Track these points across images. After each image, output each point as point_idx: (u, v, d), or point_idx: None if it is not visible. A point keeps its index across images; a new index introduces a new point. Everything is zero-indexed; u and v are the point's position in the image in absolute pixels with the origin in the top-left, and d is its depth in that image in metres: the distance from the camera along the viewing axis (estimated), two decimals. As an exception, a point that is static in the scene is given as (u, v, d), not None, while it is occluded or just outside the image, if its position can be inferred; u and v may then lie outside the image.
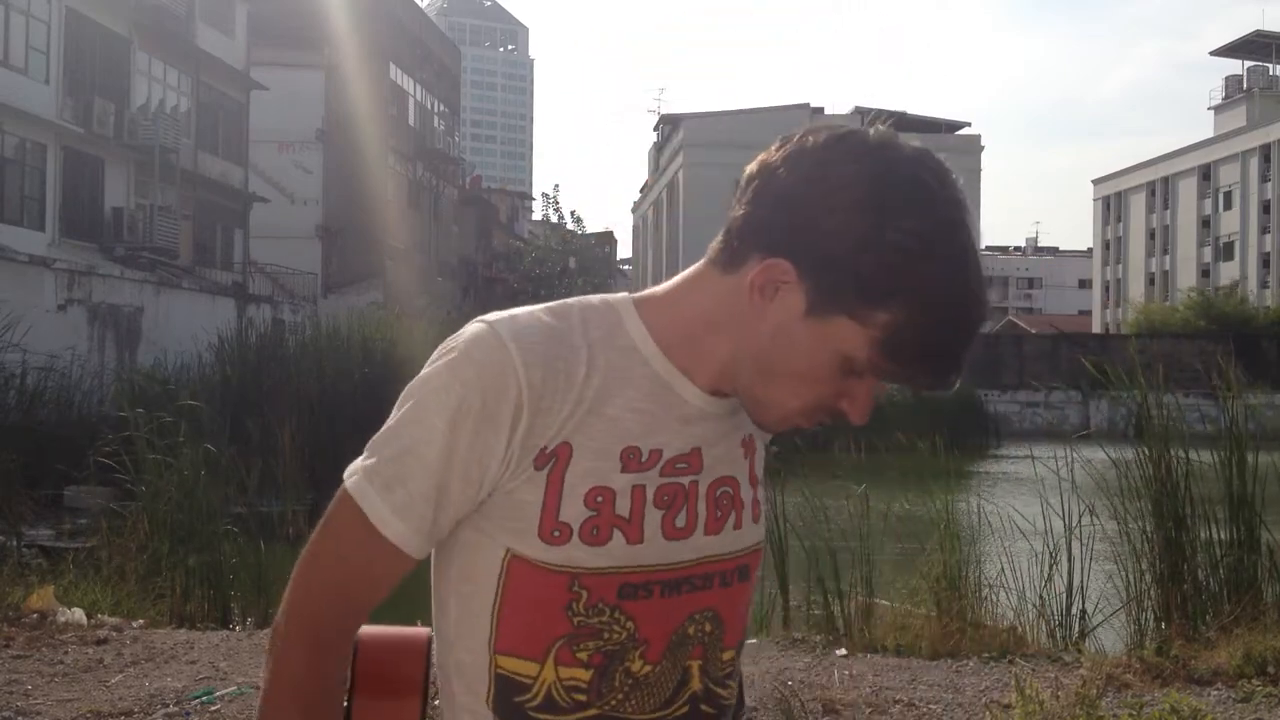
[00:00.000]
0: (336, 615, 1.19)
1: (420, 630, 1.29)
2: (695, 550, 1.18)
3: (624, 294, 1.24)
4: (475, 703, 1.18)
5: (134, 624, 6.61)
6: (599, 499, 1.13)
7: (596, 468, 1.14)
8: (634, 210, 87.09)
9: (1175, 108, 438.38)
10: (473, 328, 1.16)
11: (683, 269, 1.23)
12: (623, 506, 1.14)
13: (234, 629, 7.04)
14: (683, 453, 1.18)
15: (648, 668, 1.16)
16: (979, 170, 67.95)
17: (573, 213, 53.04)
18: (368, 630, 1.26)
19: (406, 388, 1.19)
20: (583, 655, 1.15)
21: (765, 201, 1.12)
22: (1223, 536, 6.26)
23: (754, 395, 1.17)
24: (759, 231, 1.12)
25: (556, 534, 1.13)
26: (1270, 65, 66.71)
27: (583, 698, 1.15)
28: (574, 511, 1.13)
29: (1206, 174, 66.19)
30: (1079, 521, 6.61)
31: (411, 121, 44.68)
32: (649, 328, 1.19)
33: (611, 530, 1.14)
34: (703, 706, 1.20)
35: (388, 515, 1.14)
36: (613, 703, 1.15)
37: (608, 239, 65.35)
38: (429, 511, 1.14)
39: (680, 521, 1.17)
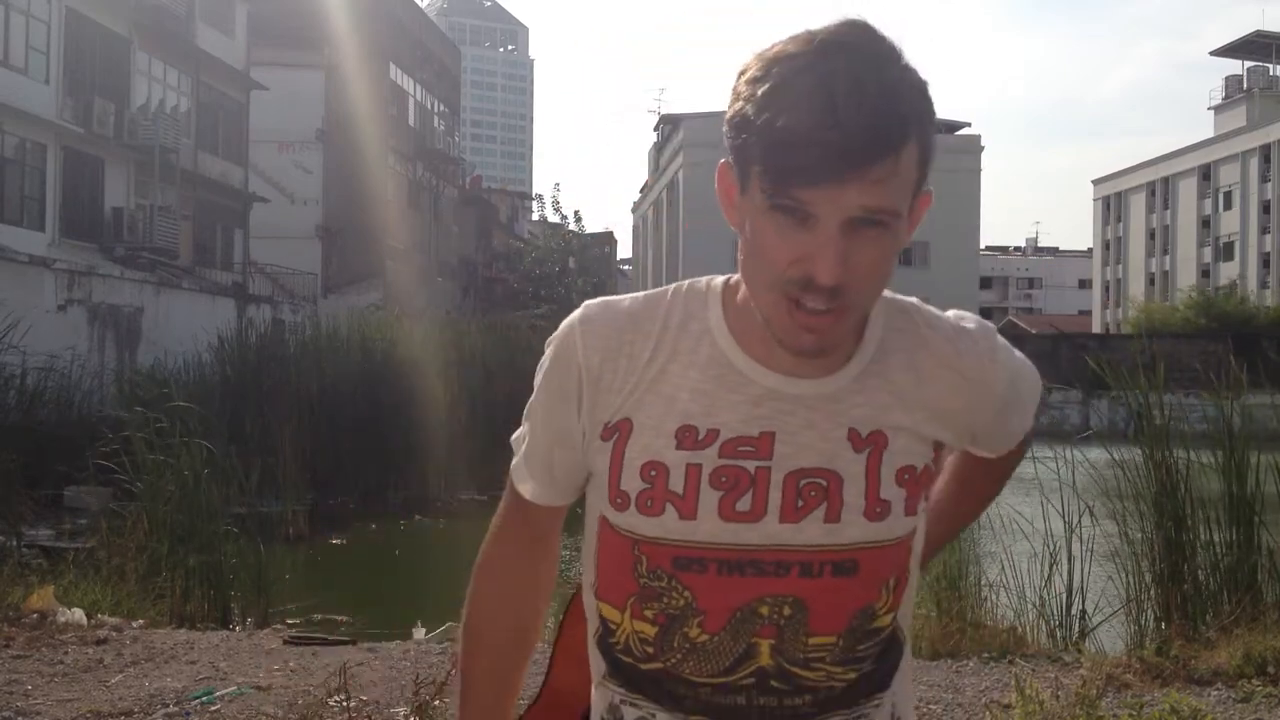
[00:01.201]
0: (507, 558, 1.38)
1: None
2: (765, 536, 1.18)
3: (725, 276, 1.28)
4: (590, 639, 1.31)
5: (134, 624, 6.61)
6: (652, 473, 1.20)
7: (652, 443, 1.20)
8: (634, 210, 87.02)
9: (1175, 108, 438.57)
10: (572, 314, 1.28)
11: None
12: (676, 483, 1.19)
13: (234, 629, 7.05)
14: (746, 435, 1.19)
15: (705, 636, 1.20)
16: (979, 170, 67.94)
17: (575, 213, 52.96)
18: None
19: None
20: (649, 613, 1.22)
21: None
22: (1223, 537, 6.26)
23: (758, 309, 1.16)
24: None
25: (619, 501, 1.22)
26: (1270, 65, 66.70)
27: (650, 650, 1.23)
28: (632, 483, 1.21)
29: (1206, 174, 66.18)
30: (1079, 522, 6.61)
31: (411, 121, 44.67)
32: (727, 317, 1.24)
33: (664, 504, 1.20)
34: (773, 682, 1.20)
35: (520, 466, 1.33)
36: (673, 661, 1.22)
37: (608, 239, 65.36)
38: (544, 468, 1.30)
39: (743, 505, 1.18)
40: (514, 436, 1.34)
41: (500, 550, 1.38)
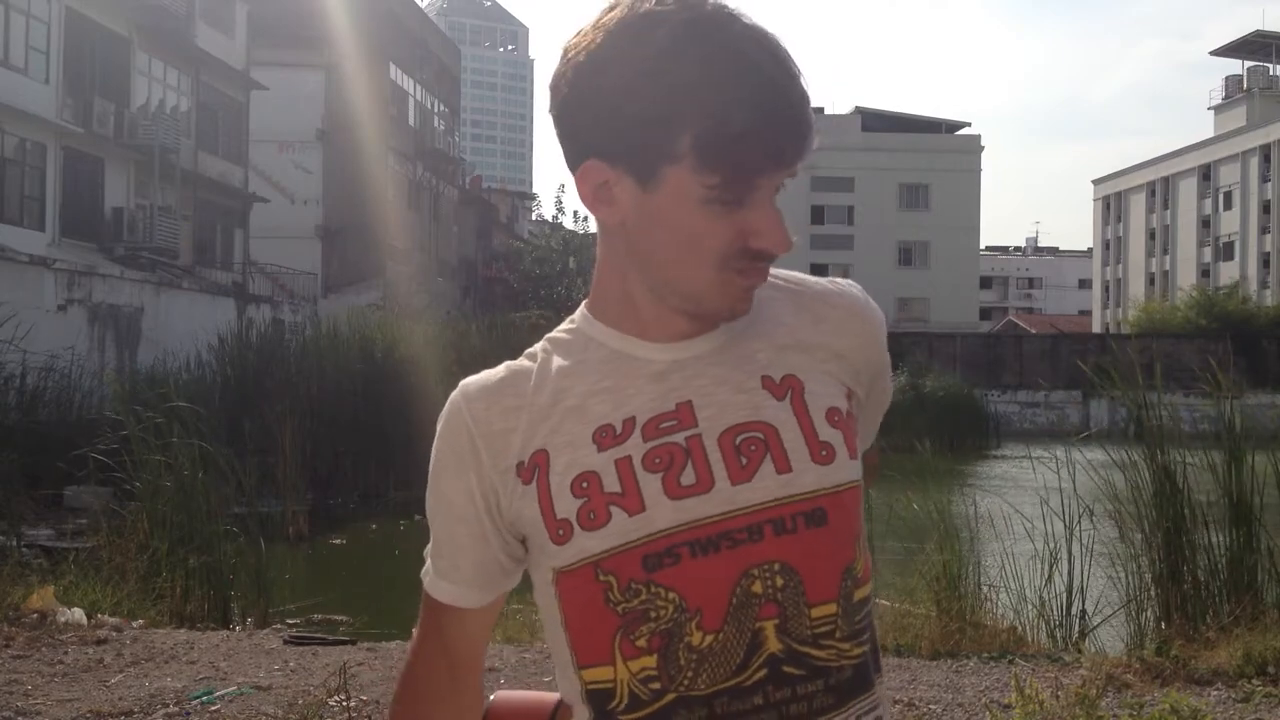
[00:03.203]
0: (430, 684, 1.29)
1: (550, 695, 1.29)
2: (723, 503, 1.12)
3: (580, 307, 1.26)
4: None
5: (134, 624, 6.62)
6: (585, 484, 1.14)
7: (575, 459, 1.15)
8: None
9: (1175, 108, 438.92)
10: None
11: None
12: (611, 483, 1.13)
13: (234, 629, 7.05)
14: (664, 411, 1.16)
15: (709, 638, 1.12)
16: (979, 170, 67.95)
17: (576, 213, 53.02)
18: (502, 695, 1.31)
19: None
20: (641, 642, 1.13)
21: (558, 124, 1.15)
22: (1222, 537, 6.26)
23: (682, 291, 1.14)
24: (569, 157, 1.15)
25: (561, 533, 1.14)
26: (1270, 65, 66.71)
27: (657, 685, 1.13)
28: (567, 506, 1.14)
29: (1206, 174, 66.19)
30: (1079, 522, 6.61)
31: (411, 121, 44.66)
32: (596, 314, 1.22)
33: (608, 509, 1.13)
34: (785, 669, 1.12)
35: (439, 582, 1.26)
36: (684, 682, 1.12)
37: (608, 239, 65.24)
38: (447, 562, 1.24)
39: (687, 479, 1.13)
40: (429, 545, 1.28)
41: (416, 682, 1.30)
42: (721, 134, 1.05)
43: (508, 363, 1.24)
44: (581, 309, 1.24)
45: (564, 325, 1.25)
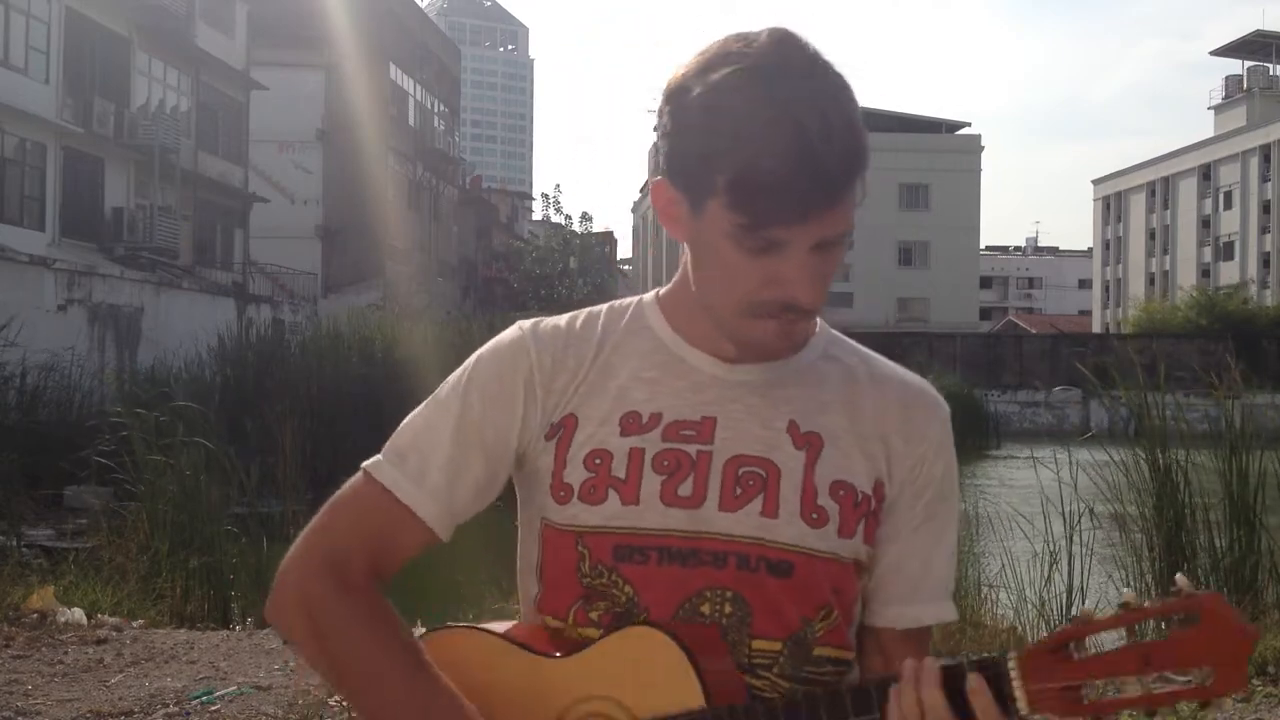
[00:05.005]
0: (355, 568, 1.23)
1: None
2: (703, 523, 1.17)
3: (653, 291, 1.30)
4: None
5: (134, 624, 6.61)
6: (597, 461, 1.19)
7: (597, 433, 1.20)
8: (634, 210, 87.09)
9: (1175, 108, 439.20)
10: (507, 329, 1.27)
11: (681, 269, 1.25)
12: (619, 468, 1.19)
13: (234, 629, 7.04)
14: (688, 419, 1.20)
15: None
16: (979, 170, 67.93)
17: (584, 214, 53.07)
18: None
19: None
20: (594, 615, 1.19)
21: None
22: (1222, 537, 6.26)
23: (716, 319, 1.18)
24: (656, 167, 1.19)
25: (562, 494, 1.20)
26: (1270, 65, 66.69)
27: None
28: (575, 474, 1.19)
29: (1206, 174, 66.17)
30: (1079, 522, 6.61)
31: (411, 121, 44.67)
32: (666, 315, 1.26)
33: (608, 490, 1.18)
34: None
35: (403, 481, 1.22)
36: None
37: (608, 239, 65.30)
38: (443, 479, 1.21)
39: (684, 490, 1.18)
40: (379, 456, 1.24)
41: (337, 566, 1.23)
42: (748, 181, 1.07)
43: (573, 321, 1.26)
44: (653, 293, 1.29)
45: (629, 304, 1.29)
